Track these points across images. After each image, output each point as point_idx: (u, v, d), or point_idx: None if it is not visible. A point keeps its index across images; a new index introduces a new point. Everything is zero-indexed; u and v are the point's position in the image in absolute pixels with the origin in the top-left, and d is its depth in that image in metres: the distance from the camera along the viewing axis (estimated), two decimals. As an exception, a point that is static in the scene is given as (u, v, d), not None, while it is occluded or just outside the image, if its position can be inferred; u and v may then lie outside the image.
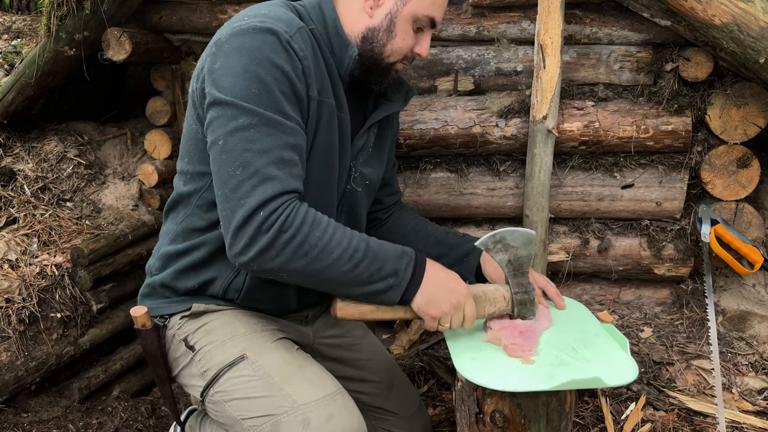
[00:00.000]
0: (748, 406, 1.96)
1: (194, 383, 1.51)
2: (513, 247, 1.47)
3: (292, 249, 1.24)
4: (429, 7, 1.45)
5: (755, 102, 2.16)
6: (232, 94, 1.27)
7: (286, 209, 1.24)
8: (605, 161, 2.34)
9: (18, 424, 2.05)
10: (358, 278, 1.31)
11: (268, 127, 1.26)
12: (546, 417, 1.41)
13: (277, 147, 1.26)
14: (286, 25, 1.33)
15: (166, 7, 2.46)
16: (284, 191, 1.25)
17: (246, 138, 1.25)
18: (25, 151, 2.63)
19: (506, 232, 1.45)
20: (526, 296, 1.50)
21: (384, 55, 1.47)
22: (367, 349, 1.81)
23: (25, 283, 2.16)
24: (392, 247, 1.36)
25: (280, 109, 1.28)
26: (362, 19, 1.46)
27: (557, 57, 2.14)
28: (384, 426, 1.81)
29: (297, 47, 1.32)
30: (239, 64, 1.27)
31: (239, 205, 1.23)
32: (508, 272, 1.50)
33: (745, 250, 2.20)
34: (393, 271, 1.33)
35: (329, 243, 1.27)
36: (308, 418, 1.34)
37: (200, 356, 1.49)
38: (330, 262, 1.27)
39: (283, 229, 1.23)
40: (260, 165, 1.24)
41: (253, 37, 1.29)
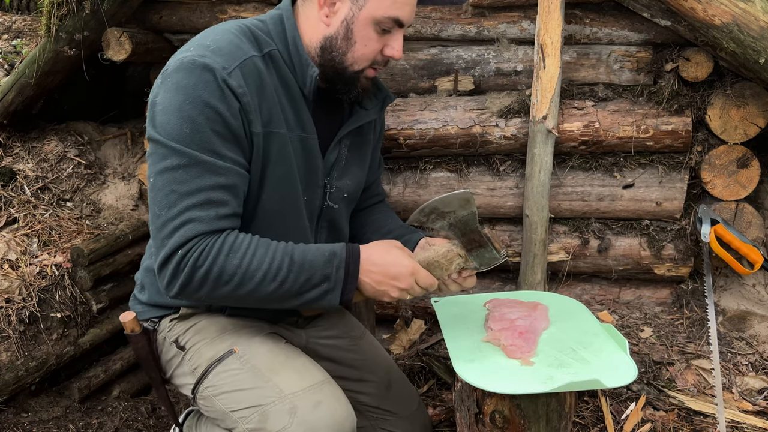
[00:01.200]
0: (748, 406, 1.96)
1: (186, 382, 1.53)
2: (450, 212, 1.40)
3: (212, 281, 1.27)
4: (389, 7, 1.36)
5: (755, 102, 2.16)
6: (164, 133, 1.27)
7: (200, 245, 1.26)
8: (605, 161, 2.34)
9: (18, 424, 2.06)
10: (289, 292, 1.31)
11: (197, 167, 1.27)
12: (546, 417, 1.41)
13: (205, 188, 1.27)
14: (227, 59, 1.30)
15: (166, 7, 2.46)
16: (204, 232, 1.27)
17: (174, 179, 1.26)
18: (25, 151, 2.63)
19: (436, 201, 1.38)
20: (482, 249, 1.43)
21: (345, 64, 1.42)
22: (365, 349, 1.81)
23: (25, 283, 2.16)
24: (320, 252, 1.35)
25: (212, 149, 1.28)
26: (320, 29, 1.41)
27: (557, 57, 2.14)
28: (383, 426, 1.81)
29: (235, 84, 1.29)
30: (174, 103, 1.27)
31: (162, 245, 1.27)
32: (455, 234, 1.43)
33: (745, 250, 2.20)
34: (324, 277, 1.33)
35: (248, 268, 1.28)
36: (295, 407, 1.35)
37: (190, 354, 1.51)
38: (254, 286, 1.29)
39: (198, 264, 1.25)
40: (183, 207, 1.26)
41: (191, 74, 1.27)
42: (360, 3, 1.36)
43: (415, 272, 1.38)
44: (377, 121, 1.74)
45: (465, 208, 1.39)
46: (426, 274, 1.40)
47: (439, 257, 1.44)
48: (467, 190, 1.37)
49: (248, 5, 2.41)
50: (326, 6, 1.39)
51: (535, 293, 1.96)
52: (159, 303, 1.57)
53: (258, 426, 1.36)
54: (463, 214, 1.39)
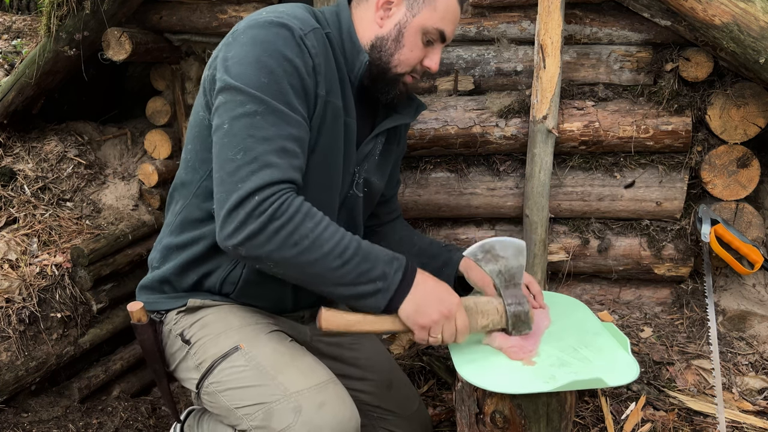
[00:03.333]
0: (748, 406, 1.96)
1: (190, 376, 1.53)
2: (503, 258, 1.45)
3: (282, 237, 1.24)
4: (439, 20, 1.47)
5: (755, 102, 2.16)
6: (242, 80, 1.29)
7: (281, 197, 1.24)
8: (605, 161, 2.34)
9: (18, 424, 2.05)
10: (346, 277, 1.29)
11: (273, 116, 1.28)
12: (546, 417, 1.41)
13: (281, 137, 1.28)
14: (302, 23, 1.37)
15: (166, 7, 2.46)
16: (282, 179, 1.26)
17: (251, 124, 1.27)
18: (25, 151, 2.63)
19: (495, 241, 1.44)
20: (521, 308, 1.45)
21: (391, 64, 1.49)
22: (367, 348, 1.82)
23: (25, 283, 2.16)
24: (384, 251, 1.35)
25: (287, 100, 1.30)
26: (373, 29, 1.49)
27: (557, 57, 2.14)
28: (383, 425, 1.81)
29: (310, 44, 1.35)
30: (252, 54, 1.31)
31: (235, 189, 1.24)
32: (500, 283, 1.47)
33: (745, 250, 2.20)
34: (382, 274, 1.32)
35: (321, 236, 1.26)
36: (300, 406, 1.35)
37: (195, 349, 1.51)
38: (319, 256, 1.26)
39: (276, 216, 1.23)
40: (261, 151, 1.25)
41: (269, 30, 1.32)
42: (414, 10, 1.46)
43: (459, 308, 1.38)
44: (402, 135, 1.79)
45: (517, 259, 1.45)
46: (464, 316, 1.39)
47: (480, 304, 1.45)
48: (523, 242, 1.45)
49: (248, 5, 2.41)
50: (382, 9, 1.48)
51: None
52: (170, 280, 1.56)
53: (262, 423, 1.37)
54: (513, 264, 1.45)
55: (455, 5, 1.49)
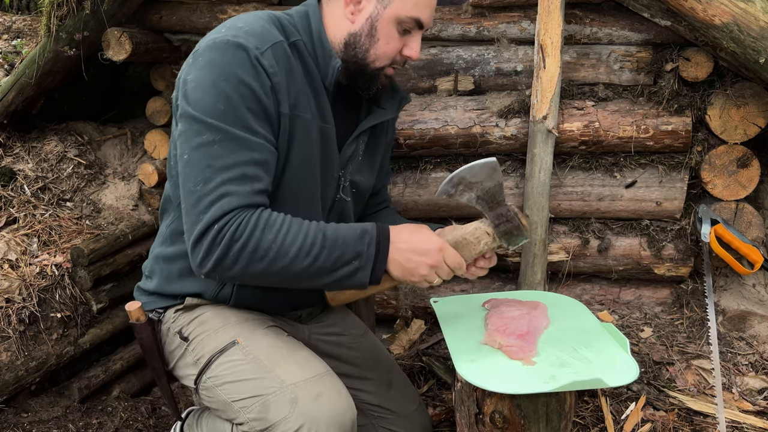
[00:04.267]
0: (748, 406, 1.96)
1: (189, 372, 1.54)
2: (477, 183, 1.40)
3: (247, 255, 1.28)
4: (412, 8, 1.43)
5: (755, 102, 2.16)
6: (199, 109, 1.29)
7: (237, 219, 1.27)
8: (605, 161, 2.34)
9: (18, 424, 2.05)
10: (322, 269, 1.32)
11: (232, 143, 1.28)
12: (546, 417, 1.41)
13: (240, 164, 1.29)
14: (259, 40, 1.34)
15: (166, 7, 2.46)
16: (240, 206, 1.28)
17: (209, 154, 1.28)
18: (25, 151, 2.63)
19: (464, 170, 1.38)
20: (510, 224, 1.43)
21: (368, 60, 1.46)
22: (366, 348, 1.82)
23: (25, 283, 2.16)
24: (351, 230, 1.37)
25: (246, 125, 1.30)
26: (344, 25, 1.46)
27: (557, 57, 2.14)
28: (383, 424, 1.81)
29: (266, 63, 1.33)
30: (208, 79, 1.30)
31: (198, 220, 1.28)
32: (482, 208, 1.44)
33: (745, 250, 2.20)
34: (356, 254, 1.34)
35: (283, 243, 1.29)
36: (296, 397, 1.36)
37: (193, 345, 1.53)
38: (288, 262, 1.30)
39: (235, 238, 1.26)
40: (220, 181, 1.27)
41: (225, 52, 1.31)
42: (385, 2, 1.42)
43: (444, 249, 1.39)
44: (390, 126, 1.77)
45: (492, 179, 1.39)
46: (454, 252, 1.41)
47: (467, 235, 1.44)
48: (494, 159, 1.38)
49: (248, 5, 2.41)
50: (352, 3, 1.44)
51: (535, 293, 1.96)
52: (166, 291, 1.58)
53: (259, 416, 1.38)
54: (489, 185, 1.40)
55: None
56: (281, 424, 1.34)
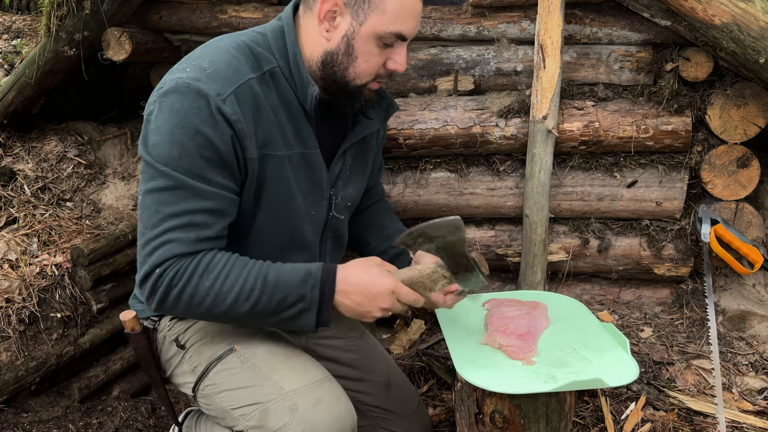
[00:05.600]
0: (748, 406, 1.96)
1: (186, 380, 1.53)
2: (438, 237, 1.35)
3: (186, 301, 1.28)
4: (392, 22, 1.33)
5: (755, 102, 2.16)
6: (154, 154, 1.28)
7: (176, 266, 1.27)
8: (605, 161, 2.34)
9: (18, 424, 2.05)
10: (264, 312, 1.31)
11: (183, 190, 1.27)
12: (546, 417, 1.41)
13: (189, 212, 1.28)
14: (222, 84, 1.29)
15: (166, 7, 2.46)
16: (182, 253, 1.27)
17: (160, 200, 1.28)
18: (25, 151, 2.63)
19: (425, 226, 1.33)
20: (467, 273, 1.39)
21: (347, 79, 1.39)
22: (364, 349, 1.82)
23: (25, 283, 2.16)
24: (295, 272, 1.32)
25: (200, 174, 1.28)
26: (321, 43, 1.37)
27: (557, 57, 2.14)
28: (383, 425, 1.81)
29: (229, 111, 1.28)
30: (166, 126, 1.27)
31: (143, 262, 1.29)
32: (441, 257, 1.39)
33: (745, 250, 2.20)
34: (299, 297, 1.31)
35: (221, 290, 1.28)
36: (296, 404, 1.35)
37: (191, 353, 1.52)
38: (227, 307, 1.29)
39: (173, 284, 1.27)
40: (165, 228, 1.27)
41: (185, 98, 1.27)
42: (361, 18, 1.32)
43: (396, 290, 1.35)
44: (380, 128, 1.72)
45: (454, 235, 1.34)
46: (408, 291, 1.36)
47: (423, 277, 1.40)
48: (458, 218, 1.32)
49: (248, 5, 2.41)
50: (326, 21, 1.35)
51: (535, 293, 1.96)
52: None
53: (259, 423, 1.37)
54: (451, 239, 1.35)
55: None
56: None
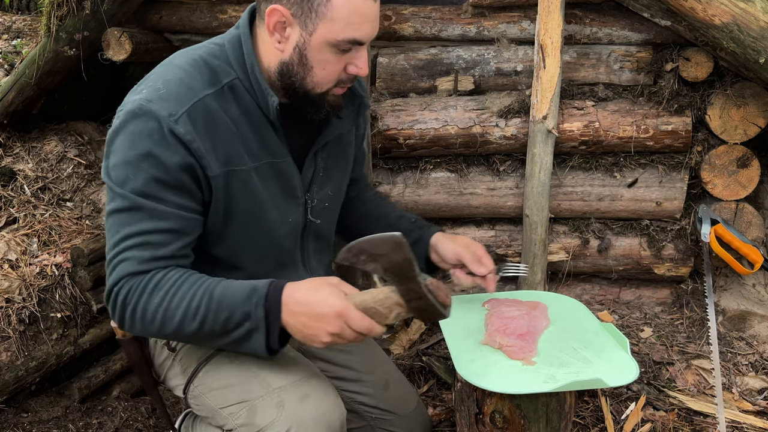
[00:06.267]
0: (748, 406, 1.96)
1: (178, 382, 1.54)
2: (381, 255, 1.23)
3: (139, 318, 1.29)
4: (344, 29, 1.27)
5: (755, 102, 2.16)
6: (113, 177, 1.29)
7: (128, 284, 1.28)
8: (605, 161, 2.34)
9: (18, 424, 2.05)
10: (213, 332, 1.27)
11: (139, 212, 1.28)
12: (546, 417, 1.41)
13: (144, 232, 1.28)
14: (174, 104, 1.27)
15: (166, 7, 2.46)
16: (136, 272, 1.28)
17: (118, 221, 1.30)
18: (25, 151, 2.63)
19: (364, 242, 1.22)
20: (422, 302, 1.23)
21: (307, 88, 1.35)
22: (360, 350, 1.81)
23: (25, 283, 2.16)
24: (241, 288, 1.27)
25: (154, 195, 1.28)
26: (275, 54, 1.34)
27: (557, 57, 2.14)
28: (382, 426, 1.81)
29: (182, 131, 1.26)
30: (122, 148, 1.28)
31: (107, 282, 1.32)
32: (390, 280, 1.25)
33: (745, 250, 2.20)
34: (244, 315, 1.25)
35: (168, 307, 1.27)
36: (282, 400, 1.36)
37: (181, 355, 1.52)
38: (176, 326, 1.27)
39: (126, 302, 1.28)
40: (121, 248, 1.29)
41: (138, 120, 1.27)
42: (310, 28, 1.27)
43: (345, 314, 1.22)
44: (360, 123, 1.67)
45: (397, 253, 1.21)
46: (360, 316, 1.23)
47: (376, 304, 1.25)
48: (398, 234, 1.20)
49: (248, 5, 2.40)
50: (277, 32, 1.31)
51: (535, 293, 1.96)
52: None
53: (247, 421, 1.38)
54: (396, 259, 1.21)
55: (360, 2, 1.26)
56: (269, 428, 1.34)
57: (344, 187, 1.67)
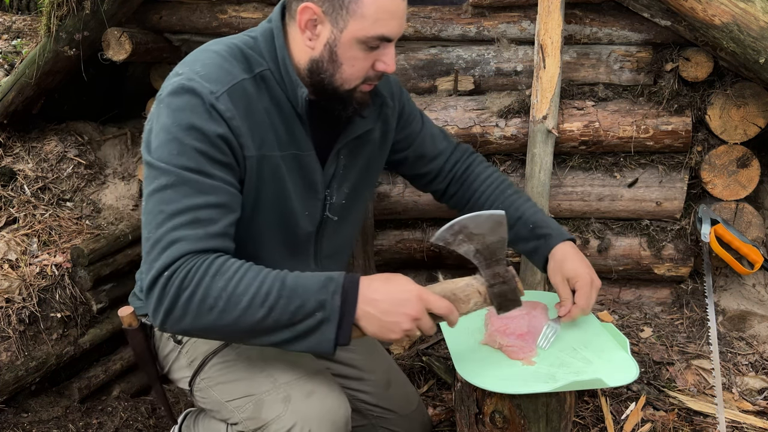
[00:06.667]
0: (748, 406, 1.96)
1: (183, 375, 1.54)
2: (478, 235, 1.27)
3: (196, 305, 1.18)
4: (372, 26, 1.29)
5: (755, 102, 2.16)
6: (155, 155, 1.26)
7: (186, 266, 1.20)
8: (605, 161, 2.34)
9: (18, 424, 2.05)
10: (279, 322, 1.19)
11: (184, 186, 1.23)
12: (546, 417, 1.41)
13: (193, 208, 1.23)
14: (215, 84, 1.29)
15: (166, 7, 2.46)
16: (190, 251, 1.21)
17: (162, 199, 1.23)
18: (25, 151, 2.63)
19: (467, 219, 1.27)
20: (505, 287, 1.29)
21: (335, 85, 1.37)
22: (363, 349, 1.82)
23: (25, 283, 2.16)
24: (315, 278, 1.23)
25: (200, 169, 1.25)
26: (306, 51, 1.36)
27: (557, 57, 2.14)
28: (383, 424, 1.81)
29: (223, 108, 1.28)
30: (164, 126, 1.27)
31: (149, 269, 1.22)
32: (479, 263, 1.30)
33: (745, 250, 2.20)
34: (318, 304, 1.19)
35: (234, 291, 1.19)
36: (289, 395, 1.36)
37: (187, 347, 1.53)
38: (240, 312, 1.18)
39: (184, 285, 1.18)
40: (170, 227, 1.22)
41: (179, 98, 1.27)
42: (341, 25, 1.30)
43: (425, 297, 1.24)
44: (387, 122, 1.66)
45: (495, 233, 1.27)
46: (439, 298, 1.25)
47: (457, 290, 1.29)
48: (502, 213, 1.27)
49: (248, 5, 2.41)
50: (308, 30, 1.33)
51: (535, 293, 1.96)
52: None
53: (252, 415, 1.38)
54: (491, 240, 1.27)
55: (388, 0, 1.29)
56: (274, 423, 1.35)
57: (362, 187, 1.65)
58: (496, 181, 1.74)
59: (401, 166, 1.79)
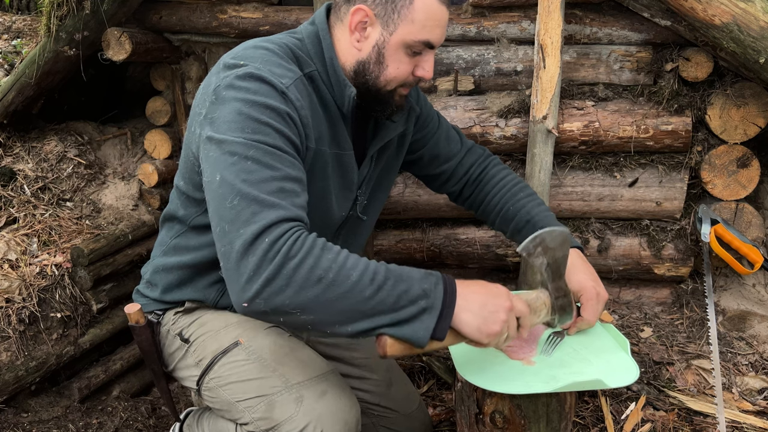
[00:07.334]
0: (748, 406, 1.96)
1: (190, 374, 1.55)
2: (551, 249, 1.35)
3: (303, 275, 1.10)
4: (420, 31, 1.36)
5: (755, 102, 2.16)
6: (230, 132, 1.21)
7: (293, 234, 1.13)
8: (605, 161, 2.34)
9: (18, 424, 2.05)
10: (384, 303, 1.14)
11: (267, 157, 1.19)
12: (546, 417, 1.41)
13: (277, 177, 1.19)
14: (282, 76, 1.30)
15: (166, 7, 2.46)
16: (288, 218, 1.15)
17: (243, 169, 1.17)
18: (25, 151, 2.63)
19: (545, 233, 1.33)
20: (566, 299, 1.40)
21: (379, 85, 1.42)
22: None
23: (25, 283, 2.16)
24: (415, 269, 1.22)
25: (277, 145, 1.23)
26: (353, 53, 1.41)
27: (557, 57, 2.14)
28: (384, 423, 1.82)
29: (293, 97, 1.30)
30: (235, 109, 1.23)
31: (238, 236, 1.12)
32: (548, 276, 1.39)
33: (745, 249, 2.20)
34: (422, 292, 1.17)
35: (344, 265, 1.13)
36: (301, 396, 1.37)
37: (195, 347, 1.53)
38: (349, 287, 1.12)
39: (291, 254, 1.10)
40: (259, 193, 1.15)
41: (252, 83, 1.26)
42: (391, 28, 1.36)
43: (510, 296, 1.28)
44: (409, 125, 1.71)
45: (562, 249, 1.37)
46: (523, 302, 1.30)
47: (530, 301, 1.37)
48: (566, 230, 1.38)
49: (248, 5, 2.41)
50: (357, 31, 1.39)
51: (535, 293, 1.96)
52: (165, 300, 1.59)
53: (265, 415, 1.38)
54: (559, 255, 1.37)
55: (437, 7, 1.36)
56: (287, 423, 1.35)
57: (383, 188, 1.72)
58: (509, 183, 1.77)
59: (415, 165, 1.84)
